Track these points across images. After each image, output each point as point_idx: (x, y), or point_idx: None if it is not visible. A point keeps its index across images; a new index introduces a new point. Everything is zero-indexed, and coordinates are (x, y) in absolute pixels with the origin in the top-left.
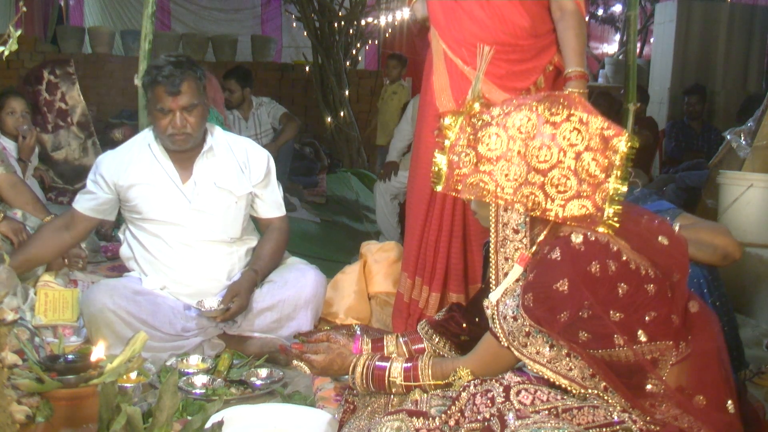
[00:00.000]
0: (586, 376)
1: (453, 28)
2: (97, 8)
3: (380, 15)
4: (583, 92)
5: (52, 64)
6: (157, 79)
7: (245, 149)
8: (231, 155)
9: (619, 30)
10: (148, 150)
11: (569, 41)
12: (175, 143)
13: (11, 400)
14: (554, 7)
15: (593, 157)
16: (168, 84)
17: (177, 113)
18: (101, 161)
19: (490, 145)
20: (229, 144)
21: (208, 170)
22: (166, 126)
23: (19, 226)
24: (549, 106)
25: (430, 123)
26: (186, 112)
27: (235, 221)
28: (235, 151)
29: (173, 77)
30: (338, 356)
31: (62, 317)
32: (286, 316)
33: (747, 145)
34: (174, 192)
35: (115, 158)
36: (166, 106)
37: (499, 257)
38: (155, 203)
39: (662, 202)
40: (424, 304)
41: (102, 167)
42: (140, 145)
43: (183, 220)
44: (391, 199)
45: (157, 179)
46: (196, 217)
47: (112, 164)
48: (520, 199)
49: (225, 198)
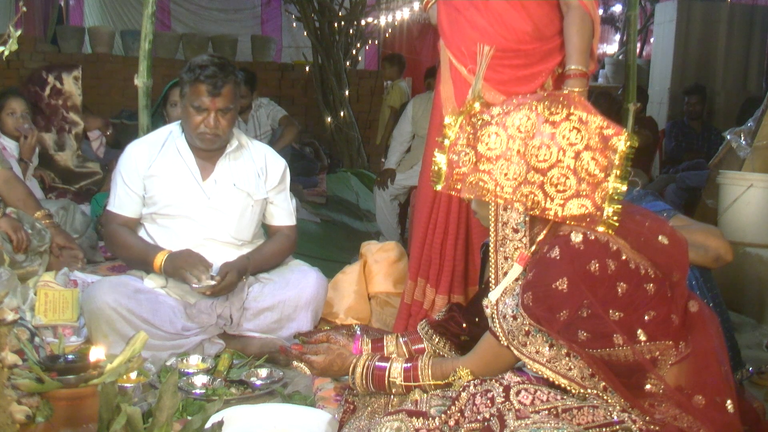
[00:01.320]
0: (585, 375)
1: (456, 36)
2: (97, 8)
3: (380, 15)
4: (583, 91)
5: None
6: (199, 78)
7: (264, 155)
8: (251, 160)
9: (619, 30)
10: (172, 144)
11: (571, 38)
12: (203, 142)
13: (11, 400)
14: (562, 3)
15: (592, 156)
16: (210, 84)
17: (212, 113)
18: (129, 154)
19: (490, 144)
20: (250, 149)
21: (229, 171)
22: (199, 124)
23: (18, 224)
24: (548, 105)
25: (437, 128)
26: (221, 114)
27: (249, 224)
28: (255, 156)
29: (216, 79)
30: (338, 357)
31: (62, 317)
32: (286, 316)
33: (747, 145)
34: (193, 187)
35: (140, 149)
36: (203, 105)
37: (499, 256)
38: (173, 196)
39: (657, 202)
40: (429, 306)
41: (130, 161)
42: (165, 138)
43: (199, 215)
44: (391, 199)
45: (178, 173)
46: (212, 215)
47: (137, 154)
48: (520, 198)
49: (243, 199)
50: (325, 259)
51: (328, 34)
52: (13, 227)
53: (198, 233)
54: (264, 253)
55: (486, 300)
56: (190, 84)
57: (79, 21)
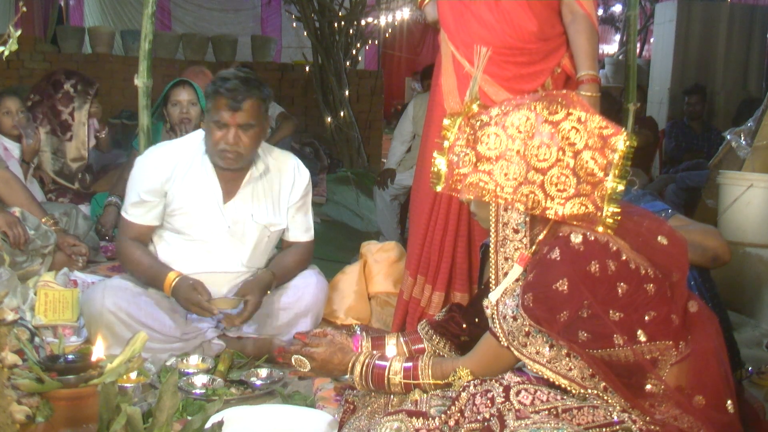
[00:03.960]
0: (585, 376)
1: (461, 30)
2: (97, 8)
3: (380, 15)
4: (596, 96)
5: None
6: (219, 91)
7: (293, 167)
8: (278, 182)
9: (619, 30)
10: (197, 159)
11: (581, 45)
12: (224, 160)
13: (11, 400)
14: (565, 11)
15: (592, 155)
16: (230, 98)
17: (232, 129)
18: (148, 161)
19: (489, 145)
20: (279, 166)
21: (251, 199)
22: (219, 140)
23: (14, 219)
24: (547, 105)
25: (437, 124)
26: (242, 130)
27: (264, 253)
28: (283, 172)
29: (237, 92)
30: (339, 350)
31: (62, 317)
32: (285, 323)
33: (747, 145)
34: (213, 210)
35: (161, 159)
36: (223, 119)
37: (499, 257)
38: (192, 216)
39: (656, 203)
40: (426, 303)
41: (149, 167)
42: (189, 151)
43: (215, 240)
44: (391, 200)
45: (199, 190)
46: (228, 242)
47: (160, 162)
48: (520, 198)
49: (260, 231)
50: (325, 259)
51: (328, 34)
52: (8, 223)
53: (210, 260)
54: (287, 266)
55: (486, 300)
56: (212, 98)
57: (79, 21)
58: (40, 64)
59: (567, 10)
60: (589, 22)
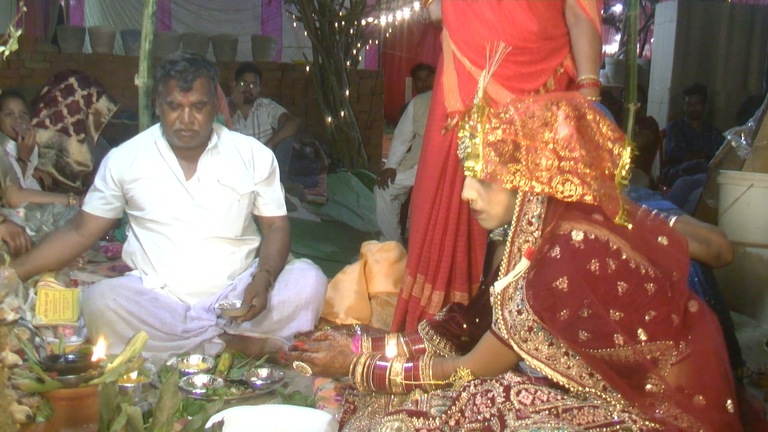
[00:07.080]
0: (584, 374)
1: (463, 29)
2: (98, 8)
3: (380, 15)
4: (596, 100)
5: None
6: (170, 73)
7: (250, 148)
8: (236, 153)
9: (619, 30)
10: (153, 146)
11: (583, 48)
12: (181, 139)
13: (11, 400)
14: (569, 13)
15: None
16: (180, 79)
17: (186, 109)
18: (109, 157)
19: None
20: (235, 143)
21: (212, 167)
22: (174, 120)
23: (18, 229)
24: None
25: (438, 122)
26: (195, 109)
27: (237, 219)
28: (240, 149)
29: (186, 73)
30: (340, 354)
31: (62, 317)
32: (286, 317)
33: (747, 145)
34: (177, 188)
35: (122, 154)
36: (176, 100)
37: (514, 247)
38: (158, 199)
39: (664, 201)
40: (426, 302)
41: (110, 163)
42: (146, 141)
43: (185, 216)
44: (391, 199)
45: (161, 175)
46: (198, 214)
47: (118, 160)
48: (555, 186)
49: (228, 195)
50: (325, 259)
51: (329, 34)
52: (12, 233)
53: (189, 234)
54: (274, 257)
55: (491, 288)
56: (163, 81)
57: (79, 21)
58: (41, 64)
59: (570, 12)
60: (591, 26)
